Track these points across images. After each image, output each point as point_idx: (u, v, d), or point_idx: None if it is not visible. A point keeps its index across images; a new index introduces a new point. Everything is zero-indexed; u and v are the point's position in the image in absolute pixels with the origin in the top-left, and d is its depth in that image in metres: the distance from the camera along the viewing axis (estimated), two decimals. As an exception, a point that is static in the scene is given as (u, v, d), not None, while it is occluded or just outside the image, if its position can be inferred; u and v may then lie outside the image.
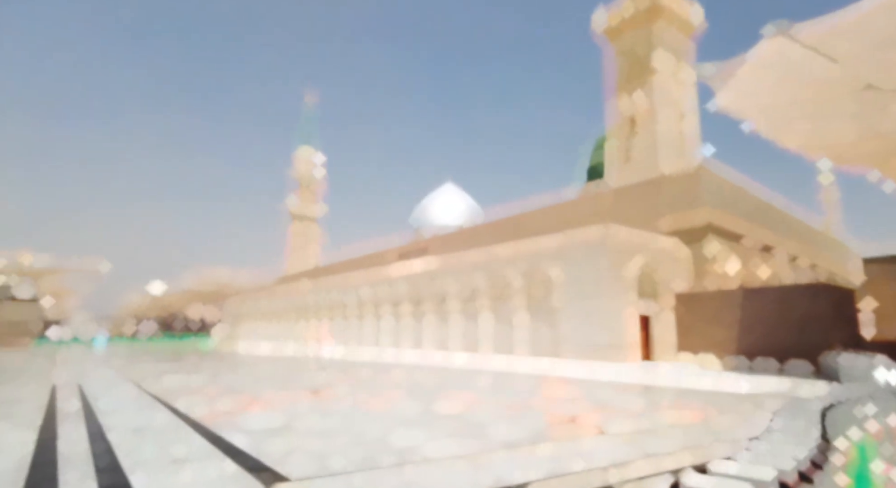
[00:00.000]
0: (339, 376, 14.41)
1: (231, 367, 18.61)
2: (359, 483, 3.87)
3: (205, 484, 3.80)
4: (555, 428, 6.45)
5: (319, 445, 5.18)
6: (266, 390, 10.47)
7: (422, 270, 34.07)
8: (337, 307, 42.03)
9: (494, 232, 35.72)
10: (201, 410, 7.54)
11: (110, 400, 8.75)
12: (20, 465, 4.34)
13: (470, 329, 29.20)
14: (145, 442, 5.30)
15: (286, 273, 74.76)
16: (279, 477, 4.02)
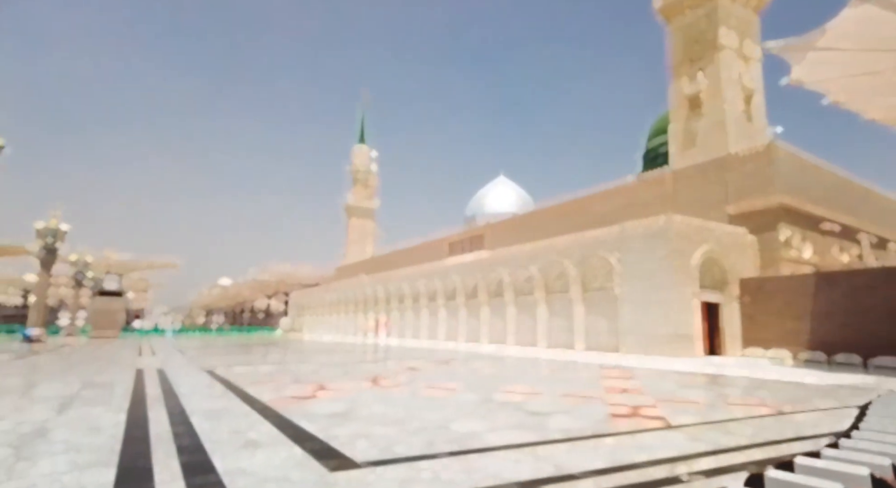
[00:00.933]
0: (398, 365, 14.71)
1: (296, 356, 19.42)
2: (423, 469, 3.94)
3: (276, 466, 4.00)
4: (616, 419, 6.30)
5: (382, 432, 5.32)
6: (329, 378, 10.86)
7: (477, 261, 34.07)
8: (394, 298, 42.84)
9: (550, 218, 35.08)
10: (269, 396, 7.93)
11: (188, 385, 9.38)
12: (115, 443, 4.73)
13: (527, 320, 28.96)
14: (221, 425, 5.63)
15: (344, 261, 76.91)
16: (346, 462, 4.16)
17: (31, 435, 5.09)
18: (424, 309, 38.24)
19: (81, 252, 36.67)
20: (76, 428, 5.43)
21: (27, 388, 8.89)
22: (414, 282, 40.07)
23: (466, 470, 3.93)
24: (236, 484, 3.51)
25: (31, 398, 7.72)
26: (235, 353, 20.76)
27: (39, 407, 6.85)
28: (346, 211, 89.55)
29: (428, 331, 37.60)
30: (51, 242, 26.36)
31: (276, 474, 3.76)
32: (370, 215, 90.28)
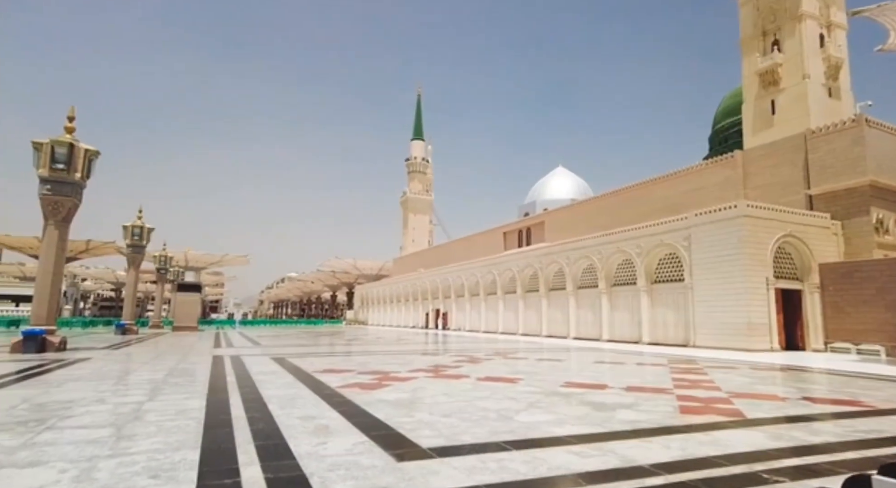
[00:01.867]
0: (459, 356, 14.83)
1: (359, 346, 20.03)
2: (489, 459, 3.96)
3: (346, 452, 4.15)
4: (686, 414, 6.05)
5: (446, 421, 5.39)
6: (392, 368, 11.12)
7: (536, 252, 33.65)
8: (452, 289, 43.13)
9: (611, 205, 33.93)
10: (336, 384, 8.23)
11: (261, 373, 9.90)
12: (198, 426, 5.08)
13: (588, 312, 28.34)
14: (293, 411, 5.91)
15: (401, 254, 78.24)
16: (413, 450, 4.25)
17: (128, 416, 5.57)
18: (483, 300, 38.26)
19: (164, 249, 39.46)
20: (165, 411, 5.88)
21: (123, 374, 9.71)
22: (471, 274, 40.15)
23: (531, 461, 3.91)
24: (310, 467, 3.67)
25: (126, 383, 8.44)
26: (304, 343, 21.69)
27: (134, 391, 7.47)
28: (402, 205, 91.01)
29: (486, 322, 37.63)
30: (137, 240, 28.55)
31: (347, 460, 3.90)
32: (426, 208, 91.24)
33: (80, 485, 3.26)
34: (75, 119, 15.10)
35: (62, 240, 14.94)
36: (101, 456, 3.94)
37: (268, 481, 3.35)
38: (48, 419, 5.35)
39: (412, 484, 3.32)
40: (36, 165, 14.40)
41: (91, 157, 15.21)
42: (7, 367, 10.51)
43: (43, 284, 14.63)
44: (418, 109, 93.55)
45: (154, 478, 3.41)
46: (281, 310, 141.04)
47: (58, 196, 14.54)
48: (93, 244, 54.62)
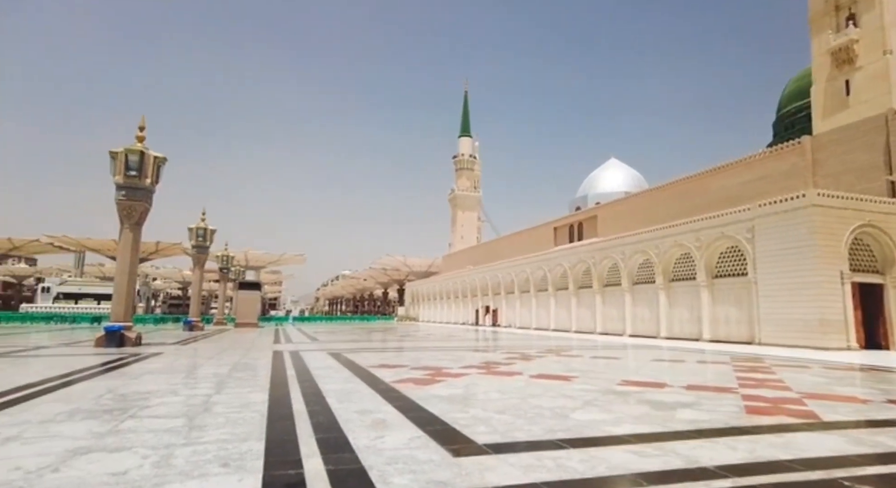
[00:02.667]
0: (510, 353, 14.76)
1: (411, 342, 20.31)
2: (545, 457, 3.93)
3: (403, 446, 4.22)
4: (753, 414, 5.75)
5: (500, 418, 5.38)
6: (444, 364, 11.21)
7: (589, 247, 32.95)
8: (501, 286, 42.92)
9: (668, 197, 32.61)
10: (390, 379, 8.38)
11: (318, 368, 10.23)
12: (261, 418, 5.32)
13: (645, 309, 27.49)
14: (350, 405, 6.07)
15: (450, 251, 78.57)
16: (469, 446, 4.28)
17: (199, 407, 5.90)
18: (533, 297, 37.85)
19: (226, 249, 41.45)
20: (231, 404, 6.19)
21: (192, 369, 10.30)
22: (521, 270, 39.78)
23: (589, 459, 3.84)
24: (369, 461, 3.77)
25: (195, 377, 8.94)
26: (358, 339, 22.23)
27: (203, 384, 7.90)
28: (450, 202, 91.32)
29: (538, 319, 37.21)
30: (201, 241, 30.15)
31: (404, 454, 3.97)
32: (474, 205, 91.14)
33: (160, 470, 3.49)
34: (145, 128, 16.12)
35: (136, 242, 16.00)
36: (176, 444, 4.20)
37: (329, 473, 3.46)
38: (129, 408, 5.76)
39: (469, 480, 3.34)
40: (112, 173, 15.49)
41: (159, 164, 16.19)
42: (93, 360, 11.39)
43: (120, 284, 15.73)
44: (465, 106, 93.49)
45: (224, 467, 3.60)
46: (336, 307, 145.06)
47: (131, 201, 15.59)
48: (162, 245, 58.13)
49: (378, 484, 3.25)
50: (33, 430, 4.66)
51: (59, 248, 64.50)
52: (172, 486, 3.18)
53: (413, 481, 3.32)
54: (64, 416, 5.30)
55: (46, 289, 56.72)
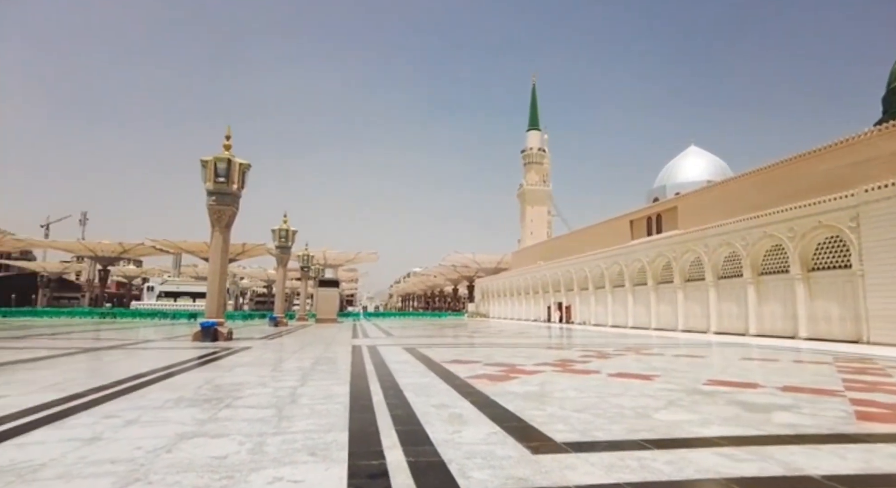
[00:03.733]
0: (586, 350, 14.39)
1: (483, 339, 20.35)
2: (628, 457, 3.81)
3: (481, 442, 4.25)
4: (864, 421, 5.23)
5: (579, 417, 5.27)
6: (518, 360, 11.13)
7: (668, 241, 31.41)
8: (575, 282, 41.90)
9: (756, 184, 30.20)
10: (465, 375, 8.45)
11: (395, 362, 10.52)
12: (344, 410, 5.55)
13: (732, 305, 25.83)
14: (428, 400, 6.19)
15: (520, 247, 77.75)
16: (547, 443, 4.23)
17: (286, 399, 6.27)
18: (609, 293, 36.64)
19: (306, 249, 43.60)
20: (315, 396, 6.51)
21: (278, 362, 10.94)
22: (595, 265, 38.61)
23: (675, 462, 3.67)
24: (448, 454, 3.83)
25: (281, 370, 9.49)
26: (431, 335, 22.60)
27: (288, 377, 8.38)
28: (519, 197, 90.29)
29: (614, 315, 35.98)
30: (284, 241, 31.92)
31: (482, 449, 3.99)
32: (544, 199, 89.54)
33: (255, 457, 3.76)
34: (231, 137, 17.30)
35: (225, 243, 17.23)
36: (268, 433, 4.49)
37: (410, 464, 3.56)
38: (225, 398, 6.23)
39: (549, 478, 3.30)
40: (203, 179, 16.77)
41: (244, 170, 17.32)
42: (191, 353, 12.42)
43: (212, 283, 17.02)
44: (533, 99, 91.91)
45: (312, 456, 3.80)
46: (408, 303, 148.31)
47: (221, 205, 16.80)
48: (248, 246, 62.17)
49: (458, 477, 3.30)
50: (148, 415, 5.16)
51: (160, 251, 70.94)
52: (267, 471, 3.40)
53: (492, 476, 3.33)
54: (171, 403, 5.82)
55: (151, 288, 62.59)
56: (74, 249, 71.48)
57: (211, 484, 3.13)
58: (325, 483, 3.18)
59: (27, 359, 10.69)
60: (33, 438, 4.23)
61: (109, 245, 66.44)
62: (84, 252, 70.01)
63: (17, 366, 9.32)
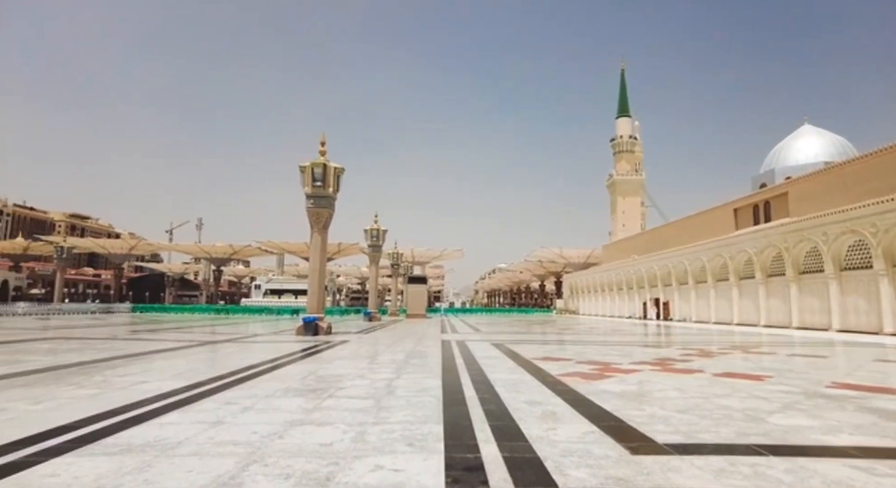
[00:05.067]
0: (686, 348, 13.53)
1: (573, 336, 19.85)
2: (739, 462, 3.54)
3: (576, 440, 4.16)
4: None
5: (681, 418, 4.98)
6: (612, 358, 10.73)
7: (780, 230, 28.66)
8: (672, 276, 39.55)
9: (889, 162, 26.45)
10: (556, 372, 8.30)
11: (484, 357, 10.58)
12: (437, 403, 5.69)
13: (859, 300, 23.05)
14: (519, 396, 6.17)
15: (611, 240, 74.71)
16: (648, 444, 4.05)
17: (383, 390, 6.55)
18: (711, 287, 34.16)
19: (395, 247, 45.11)
20: (410, 388, 6.73)
21: (373, 355, 11.44)
22: (695, 258, 36.15)
23: (796, 471, 3.35)
24: (543, 451, 3.79)
25: (377, 362, 9.92)
26: (518, 331, 22.45)
27: (384, 370, 8.74)
28: (609, 188, 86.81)
29: (717, 312, 33.50)
30: (375, 241, 33.26)
31: (579, 447, 3.91)
32: (636, 190, 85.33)
33: (357, 445, 3.97)
34: (325, 143, 18.32)
35: (323, 243, 18.30)
36: (368, 423, 4.72)
37: (505, 460, 3.57)
38: (328, 389, 6.63)
39: (651, 480, 3.16)
40: (302, 184, 17.93)
41: (339, 173, 18.28)
42: (295, 346, 13.36)
43: (312, 280, 18.15)
44: (622, 85, 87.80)
45: (410, 446, 3.94)
46: (494, 299, 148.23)
47: (318, 208, 17.87)
48: (343, 246, 65.55)
49: (554, 474, 3.26)
50: (261, 403, 5.64)
51: (265, 251, 76.98)
52: (369, 459, 3.58)
53: (591, 475, 3.26)
54: (280, 393, 6.31)
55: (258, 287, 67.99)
56: (193, 251, 79.64)
57: (319, 469, 3.35)
58: (424, 473, 3.29)
59: (160, 349, 12.10)
60: (169, 419, 4.79)
61: (222, 247, 73.29)
62: (201, 254, 77.75)
63: (153, 356, 10.58)
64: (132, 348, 12.23)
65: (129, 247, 76.99)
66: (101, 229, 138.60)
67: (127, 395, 5.92)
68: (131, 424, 4.54)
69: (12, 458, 3.53)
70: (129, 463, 3.41)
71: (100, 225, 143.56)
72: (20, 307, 38.75)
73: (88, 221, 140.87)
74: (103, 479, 3.10)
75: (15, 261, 75.64)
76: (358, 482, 3.11)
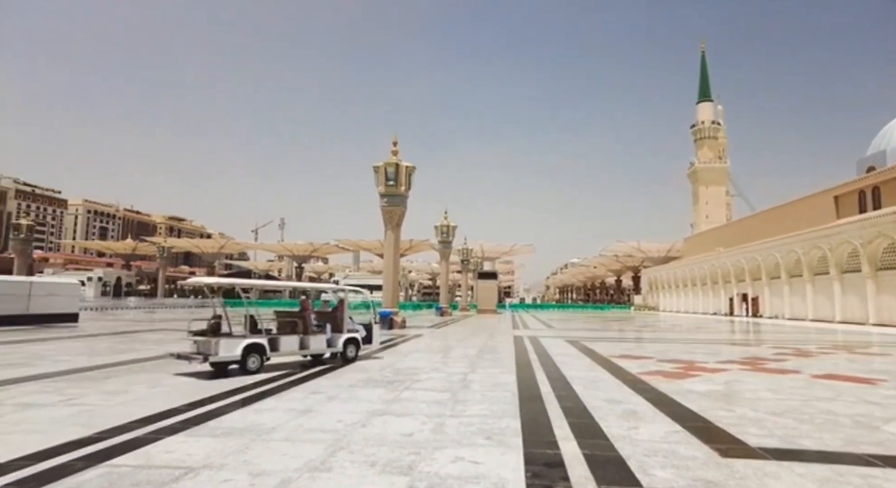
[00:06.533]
0: (779, 347, 12.56)
1: (653, 333, 19.03)
2: (848, 472, 3.26)
3: (660, 440, 4.02)
4: None
5: (777, 421, 4.66)
6: (697, 357, 10.19)
7: (893, 216, 25.80)
8: (763, 270, 36.76)
9: None
10: (636, 371, 8.01)
11: (559, 354, 10.41)
12: (513, 397, 5.70)
13: None
14: (597, 393, 6.03)
15: (693, 233, 70.66)
16: (740, 447, 3.84)
17: (458, 384, 6.65)
18: (808, 282, 31.40)
19: (465, 243, 45.38)
20: (484, 383, 6.79)
21: (447, 349, 11.62)
22: (789, 250, 33.36)
23: (918, 486, 3.04)
24: (625, 450, 3.70)
25: (451, 356, 10.07)
26: (594, 328, 21.85)
27: (458, 364, 8.85)
28: (690, 177, 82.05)
29: (815, 308, 30.75)
30: (445, 237, 33.64)
31: (663, 447, 3.78)
32: (720, 178, 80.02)
33: (436, 436, 4.07)
34: (398, 143, 18.77)
35: (397, 240, 18.81)
36: (445, 415, 4.82)
37: (586, 457, 3.53)
38: (405, 381, 6.84)
39: (745, 485, 3.00)
40: (376, 184, 18.49)
41: (410, 172, 18.67)
42: (372, 340, 13.84)
43: (387, 276, 18.71)
44: (703, 68, 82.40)
45: (488, 439, 3.99)
46: (566, 295, 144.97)
47: (391, 206, 18.37)
48: (414, 242, 66.83)
49: (638, 473, 3.18)
50: (344, 393, 5.93)
51: (342, 249, 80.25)
52: (448, 450, 3.67)
53: (677, 476, 3.14)
54: (361, 384, 6.59)
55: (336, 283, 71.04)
56: (276, 250, 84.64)
57: (401, 457, 3.48)
58: (503, 466, 3.32)
59: (250, 341, 13.00)
60: (264, 406, 5.16)
61: (302, 245, 77.34)
62: (283, 252, 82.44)
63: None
64: (226, 340, 13.23)
65: (220, 247, 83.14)
66: (194, 230, 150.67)
67: (227, 382, 6.44)
68: (232, 409, 4.95)
69: (137, 434, 3.97)
70: (231, 445, 3.72)
71: (194, 226, 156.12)
72: (131, 301, 43.05)
73: (184, 223, 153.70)
74: (211, 457, 3.41)
75: (126, 260, 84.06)
76: (440, 471, 3.20)
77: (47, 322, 16.89)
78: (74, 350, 10.39)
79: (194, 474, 3.09)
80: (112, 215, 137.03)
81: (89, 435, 3.94)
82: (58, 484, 2.92)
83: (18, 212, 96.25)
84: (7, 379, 6.58)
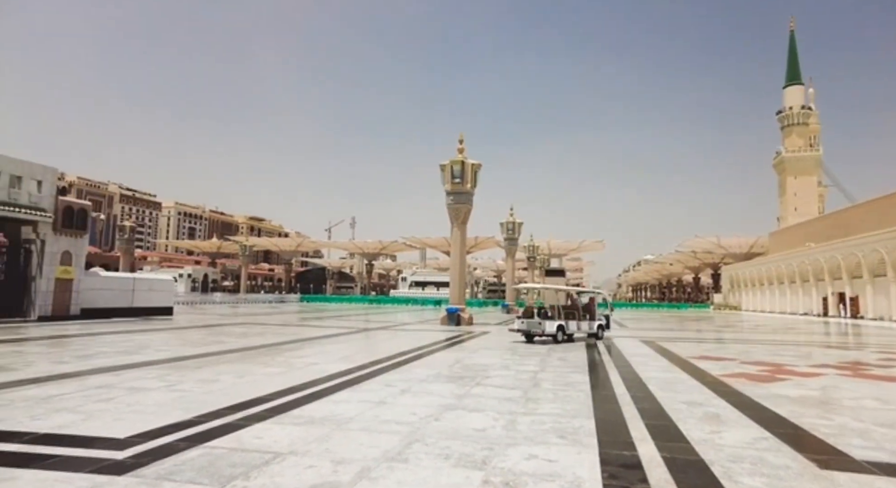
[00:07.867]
0: (888, 352, 11.40)
1: (735, 334, 17.90)
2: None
3: (746, 446, 3.80)
4: None
5: (885, 433, 4.25)
6: (785, 359, 9.49)
7: None
8: (863, 267, 33.47)
9: None
10: (717, 373, 7.59)
11: (634, 354, 10.05)
12: (586, 398, 5.58)
13: None
14: (676, 396, 5.78)
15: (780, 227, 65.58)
16: (841, 459, 3.56)
17: (528, 382, 6.61)
18: (920, 279, 28.23)
19: (531, 239, 44.81)
20: (556, 381, 6.70)
21: (515, 347, 11.55)
22: (894, 245, 30.14)
23: None
24: (708, 455, 3.54)
25: (519, 354, 10.00)
26: (670, 328, 20.88)
27: (527, 362, 8.79)
28: (776, 167, 76.20)
29: (930, 309, 27.58)
30: (511, 234, 33.40)
31: (750, 454, 3.57)
32: (812, 168, 73.64)
33: (509, 433, 4.08)
34: (464, 141, 18.86)
35: (463, 237, 18.93)
36: (517, 412, 4.82)
37: (666, 460, 3.40)
38: (475, 377, 6.89)
39: (847, 500, 2.78)
40: (442, 182, 18.70)
41: (476, 170, 18.72)
42: (440, 335, 14.04)
43: (454, 273, 18.88)
44: (792, 48, 75.99)
45: (562, 438, 3.95)
46: (639, 294, 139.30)
47: (458, 204, 18.50)
48: (479, 240, 66.90)
49: (723, 480, 3.03)
50: (416, 387, 6.08)
51: (409, 247, 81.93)
52: (521, 448, 3.67)
53: (768, 485, 2.96)
54: (432, 378, 6.72)
55: (404, 279, 72.55)
56: (348, 248, 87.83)
57: (475, 452, 3.53)
58: (579, 466, 3.28)
59: (327, 335, 13.61)
60: (340, 397, 5.40)
61: (372, 243, 79.77)
62: (354, 250, 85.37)
63: (323, 340, 11.95)
64: (304, 333, 13.95)
65: (296, 245, 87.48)
66: (273, 229, 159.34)
67: (304, 374, 6.80)
68: (311, 400, 5.22)
69: (229, 420, 4.30)
70: (313, 433, 3.94)
71: (272, 225, 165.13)
72: (217, 297, 46.30)
73: (264, 222, 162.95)
74: (295, 444, 3.63)
75: (211, 257, 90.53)
76: (514, 468, 3.21)
77: (147, 314, 18.60)
78: (171, 340, 11.35)
79: (282, 459, 3.31)
80: (199, 216, 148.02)
81: (189, 418, 4.31)
82: (166, 460, 3.23)
83: (122, 214, 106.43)
84: (120, 364, 7.34)
